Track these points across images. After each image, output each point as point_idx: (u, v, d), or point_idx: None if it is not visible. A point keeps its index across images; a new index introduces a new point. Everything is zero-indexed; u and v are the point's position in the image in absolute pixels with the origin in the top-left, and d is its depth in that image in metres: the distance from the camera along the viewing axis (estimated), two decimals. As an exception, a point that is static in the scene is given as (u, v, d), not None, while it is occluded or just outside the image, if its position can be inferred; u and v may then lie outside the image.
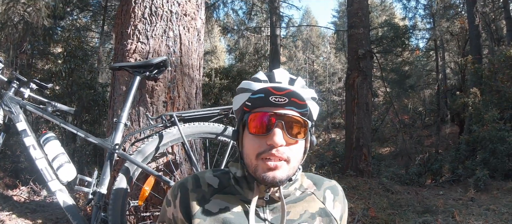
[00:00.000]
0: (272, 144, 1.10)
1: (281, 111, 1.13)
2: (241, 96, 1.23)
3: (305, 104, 1.14)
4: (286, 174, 1.15)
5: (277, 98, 1.10)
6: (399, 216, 4.99)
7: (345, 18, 14.03)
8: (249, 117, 1.15)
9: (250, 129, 1.15)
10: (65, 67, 8.33)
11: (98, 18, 16.02)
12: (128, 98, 2.49)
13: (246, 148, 1.19)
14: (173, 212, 1.26)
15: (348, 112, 9.86)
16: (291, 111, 1.14)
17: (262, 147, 1.13)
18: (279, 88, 1.10)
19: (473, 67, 12.91)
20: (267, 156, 1.12)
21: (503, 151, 8.92)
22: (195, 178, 1.29)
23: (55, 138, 2.45)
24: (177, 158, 2.71)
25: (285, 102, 1.11)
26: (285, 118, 1.12)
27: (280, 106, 1.12)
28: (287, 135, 1.12)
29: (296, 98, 1.11)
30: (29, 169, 6.64)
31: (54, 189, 2.34)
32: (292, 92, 1.10)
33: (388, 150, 20.67)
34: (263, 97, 1.11)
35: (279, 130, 1.11)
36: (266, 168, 1.12)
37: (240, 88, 1.26)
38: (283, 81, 1.21)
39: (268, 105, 1.13)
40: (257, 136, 1.14)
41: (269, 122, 1.12)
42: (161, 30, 2.82)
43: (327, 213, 1.29)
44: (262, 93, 1.11)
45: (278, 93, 1.09)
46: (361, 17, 9.82)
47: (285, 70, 1.27)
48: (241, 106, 1.22)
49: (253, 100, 1.14)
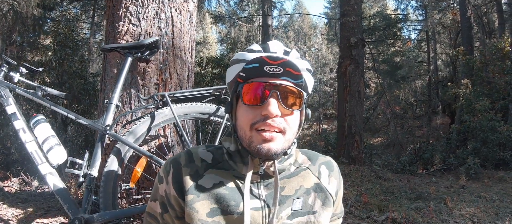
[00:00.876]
0: (267, 115, 1.08)
1: (276, 81, 1.10)
2: (235, 67, 1.20)
3: (301, 74, 1.11)
4: (281, 146, 1.12)
5: (272, 67, 1.07)
6: (391, 202, 5.00)
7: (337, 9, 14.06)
8: (243, 87, 1.12)
9: (244, 99, 1.12)
10: (55, 57, 8.24)
11: (88, 8, 15.89)
12: (119, 79, 2.45)
13: (239, 120, 1.16)
14: (165, 189, 1.23)
15: (340, 100, 9.88)
16: (286, 81, 1.11)
17: (256, 117, 1.10)
18: (274, 58, 1.07)
19: (464, 58, 13.03)
20: (262, 126, 1.09)
21: (494, 141, 9.02)
22: (188, 153, 1.26)
23: (45, 120, 2.41)
24: (169, 140, 2.68)
25: (280, 72, 1.08)
26: (280, 88, 1.10)
27: (275, 76, 1.10)
28: (282, 105, 1.10)
29: (291, 68, 1.08)
30: (20, 160, 6.58)
31: (44, 172, 2.30)
32: (287, 62, 1.07)
33: (379, 140, 20.79)
34: (258, 67, 1.08)
35: (274, 100, 1.08)
36: (261, 140, 1.09)
37: (234, 60, 1.22)
38: (278, 52, 1.18)
39: (262, 75, 1.10)
40: (251, 107, 1.11)
41: (264, 92, 1.10)
42: (153, 11, 2.78)
43: (322, 189, 1.27)
44: (256, 62, 1.08)
45: (273, 63, 1.06)
46: (353, 5, 9.81)
47: (279, 42, 1.24)
48: (235, 77, 1.19)
49: (247, 70, 1.11)
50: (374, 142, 20.05)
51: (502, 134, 8.99)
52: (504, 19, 14.64)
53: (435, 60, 21.59)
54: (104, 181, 2.23)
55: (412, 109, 21.44)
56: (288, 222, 1.18)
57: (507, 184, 6.98)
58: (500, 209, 5.09)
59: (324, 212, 1.25)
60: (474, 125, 9.87)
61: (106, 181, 2.23)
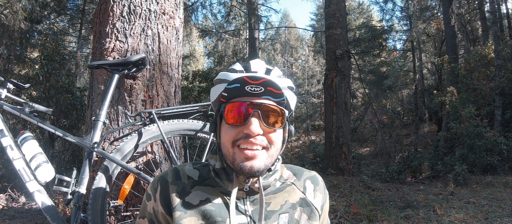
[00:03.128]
0: (248, 133, 1.10)
1: (258, 100, 1.13)
2: (218, 87, 1.23)
3: (282, 93, 1.14)
4: (264, 163, 1.15)
5: (253, 87, 1.11)
6: (381, 211, 5.04)
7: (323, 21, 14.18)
8: (225, 107, 1.15)
9: (227, 119, 1.15)
10: (42, 71, 8.18)
11: (76, 22, 15.82)
12: (106, 96, 2.46)
13: (223, 138, 1.19)
14: (153, 206, 1.25)
15: (327, 111, 9.96)
16: (268, 100, 1.14)
17: (238, 134, 1.13)
18: (255, 77, 1.11)
19: (449, 66, 13.21)
20: (244, 144, 1.12)
21: (481, 146, 9.15)
22: (175, 170, 1.29)
23: (32, 137, 2.41)
24: (156, 157, 2.69)
25: (261, 91, 1.11)
26: (262, 107, 1.13)
27: (256, 95, 1.13)
28: (264, 124, 1.12)
29: (272, 87, 1.11)
30: (7, 176, 6.48)
31: (32, 189, 2.28)
32: (268, 81, 1.10)
33: (367, 150, 20.90)
34: (239, 87, 1.12)
35: (256, 120, 1.11)
36: (244, 157, 1.12)
37: (217, 79, 1.25)
38: (259, 71, 1.21)
39: (244, 94, 1.13)
40: (234, 126, 1.14)
41: (246, 111, 1.12)
42: (140, 28, 2.80)
43: (308, 203, 1.30)
44: (238, 82, 1.12)
45: (253, 83, 1.10)
46: (338, 18, 9.95)
47: (262, 61, 1.27)
48: (218, 97, 1.22)
49: (230, 90, 1.14)
50: (362, 152, 20.16)
51: (488, 140, 9.12)
52: (487, 26, 14.86)
53: (420, 69, 21.87)
54: (92, 199, 2.22)
55: (399, 118, 21.63)
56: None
57: (495, 189, 7.08)
58: (489, 213, 5.16)
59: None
60: (460, 132, 10.00)
61: (94, 198, 2.22)
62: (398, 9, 20.60)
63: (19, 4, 8.27)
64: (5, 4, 8.16)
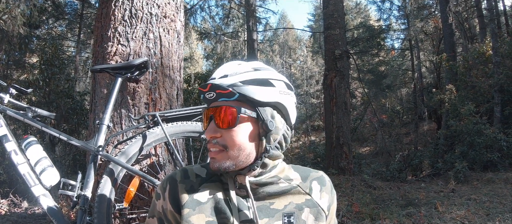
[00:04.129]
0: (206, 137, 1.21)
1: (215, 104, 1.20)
2: None
3: (229, 91, 1.16)
4: (228, 162, 1.17)
5: (207, 94, 1.21)
6: (382, 210, 5.06)
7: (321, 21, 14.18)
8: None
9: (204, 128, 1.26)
10: (42, 76, 8.20)
11: (74, 26, 15.83)
12: (110, 100, 2.47)
13: None
14: (162, 205, 1.27)
15: (327, 112, 9.98)
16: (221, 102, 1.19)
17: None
18: (203, 85, 1.20)
19: (448, 64, 13.22)
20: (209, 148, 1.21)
21: (481, 143, 9.16)
22: (184, 170, 1.31)
23: (36, 142, 2.41)
24: (160, 159, 2.70)
25: (213, 96, 1.20)
26: (214, 111, 1.19)
27: (213, 101, 1.22)
28: (216, 126, 1.18)
29: (219, 89, 1.17)
30: (9, 181, 6.48)
31: (38, 194, 2.29)
32: (212, 85, 1.17)
33: (368, 149, 20.91)
34: (202, 97, 1.23)
35: (211, 124, 1.19)
36: (211, 158, 1.21)
37: None
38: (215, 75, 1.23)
39: (208, 102, 1.24)
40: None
41: (206, 118, 1.23)
42: (142, 32, 2.81)
43: (315, 204, 1.30)
44: (199, 93, 1.24)
45: (204, 90, 1.20)
46: (336, 18, 9.98)
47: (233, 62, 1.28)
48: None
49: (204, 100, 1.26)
50: (362, 151, 20.17)
51: (488, 137, 9.14)
52: (485, 23, 14.84)
53: (419, 68, 21.88)
54: (98, 202, 2.23)
55: (399, 117, 21.64)
56: None
57: (496, 185, 7.09)
58: (490, 210, 5.17)
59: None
60: (460, 129, 10.02)
61: (100, 201, 2.24)
62: (395, 8, 20.70)
63: (17, 10, 8.28)
64: (4, 10, 8.19)
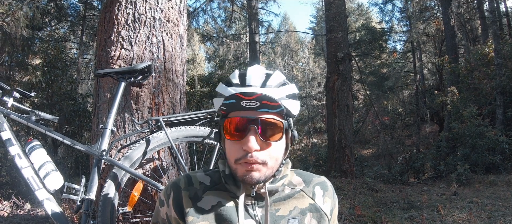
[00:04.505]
0: (247, 150, 1.13)
1: (253, 115, 1.14)
2: (218, 100, 1.24)
3: (278, 105, 1.13)
4: (264, 175, 1.17)
5: (248, 102, 1.11)
6: (385, 213, 5.06)
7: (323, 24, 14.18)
8: (224, 122, 1.18)
9: (226, 134, 1.18)
10: (45, 78, 8.22)
11: (77, 28, 15.85)
12: (113, 104, 2.48)
13: (226, 152, 1.22)
14: (166, 212, 1.28)
15: (329, 114, 9.97)
16: (265, 113, 1.15)
17: (238, 153, 1.15)
18: (249, 93, 1.11)
19: (450, 66, 13.21)
20: (244, 161, 1.14)
21: (483, 146, 9.15)
22: (187, 177, 1.32)
23: (40, 146, 2.42)
24: (164, 163, 2.71)
25: (257, 105, 1.12)
26: (259, 122, 1.14)
27: (253, 109, 1.13)
28: (261, 138, 1.14)
29: (268, 101, 1.11)
30: (11, 183, 6.49)
31: (42, 198, 2.30)
32: (262, 96, 1.10)
33: (370, 151, 20.91)
34: (235, 103, 1.13)
35: (253, 136, 1.12)
36: (245, 170, 1.15)
37: (216, 92, 1.27)
38: (255, 83, 1.20)
39: (241, 109, 1.14)
40: (233, 142, 1.16)
41: (243, 127, 1.14)
42: (145, 36, 2.82)
43: (317, 209, 1.32)
44: (233, 99, 1.13)
45: (248, 98, 1.11)
46: (339, 21, 9.98)
47: (260, 68, 1.26)
48: (219, 110, 1.24)
49: (226, 105, 1.16)
50: (364, 153, 20.17)
51: (490, 139, 9.13)
52: (487, 25, 14.83)
53: (421, 70, 21.86)
54: (102, 206, 2.24)
55: (401, 119, 21.63)
56: None
57: (498, 188, 7.08)
58: (492, 213, 5.16)
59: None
60: (462, 132, 10.01)
61: (104, 205, 2.24)
62: (397, 10, 20.66)
63: (20, 12, 8.31)
64: (7, 12, 8.21)
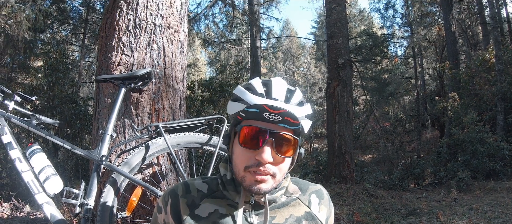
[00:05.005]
0: (260, 161, 1.13)
1: (274, 128, 1.15)
2: (236, 105, 1.25)
3: (298, 123, 1.15)
4: (271, 186, 1.19)
5: (271, 115, 1.12)
6: (384, 219, 5.06)
7: (324, 29, 14.18)
8: (241, 128, 1.17)
9: (241, 141, 1.17)
10: (46, 80, 8.24)
11: (79, 31, 15.87)
12: (113, 109, 2.50)
13: (235, 157, 1.22)
14: (164, 218, 1.29)
15: (329, 120, 9.98)
16: (283, 129, 1.16)
17: (250, 161, 1.16)
18: (275, 107, 1.12)
19: (451, 72, 13.21)
20: (254, 170, 1.15)
21: (483, 152, 9.14)
22: (185, 184, 1.33)
23: (41, 150, 2.44)
24: (163, 169, 2.72)
25: (279, 120, 1.13)
26: (277, 136, 1.15)
27: (273, 122, 1.14)
28: (276, 152, 1.15)
29: (290, 118, 1.13)
30: (11, 185, 6.49)
31: (41, 201, 2.31)
32: (286, 112, 1.11)
33: (370, 157, 20.85)
34: (258, 113, 1.13)
35: (268, 148, 1.14)
36: (254, 180, 1.16)
37: (236, 96, 1.27)
38: (280, 97, 1.22)
39: (261, 119, 1.15)
40: (246, 149, 1.17)
41: (260, 137, 1.15)
42: (145, 42, 2.84)
43: (313, 217, 1.33)
44: (257, 108, 1.13)
45: (273, 112, 1.11)
46: (339, 27, 10.00)
47: (283, 81, 1.28)
48: (235, 114, 1.24)
49: (247, 113, 1.16)
50: (365, 159, 20.12)
51: (491, 145, 9.11)
52: (488, 31, 14.80)
53: (422, 75, 21.86)
54: (101, 211, 2.25)
55: (402, 125, 21.58)
56: None
57: (498, 194, 7.06)
58: (492, 219, 5.14)
59: None
60: (463, 138, 9.99)
61: (103, 210, 2.25)
62: (398, 15, 20.71)
63: (23, 14, 8.34)
64: (10, 15, 8.25)
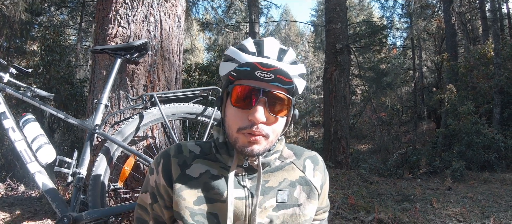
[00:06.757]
0: (253, 121, 1.11)
1: (266, 86, 1.13)
2: (228, 65, 1.20)
3: (291, 81, 1.12)
4: (264, 148, 1.16)
5: (263, 73, 1.09)
6: (378, 203, 5.05)
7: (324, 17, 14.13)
8: (233, 88, 1.15)
9: (233, 101, 1.14)
10: (42, 62, 8.18)
11: (76, 14, 15.79)
12: (108, 80, 2.48)
13: (228, 119, 1.19)
14: (155, 179, 1.27)
15: (326, 105, 9.98)
16: (276, 88, 1.13)
17: (243, 122, 1.13)
18: (266, 65, 1.09)
19: (449, 64, 13.22)
20: (248, 132, 1.12)
21: (479, 143, 9.18)
22: (178, 145, 1.31)
23: (34, 120, 2.42)
24: (157, 141, 2.72)
25: (271, 78, 1.10)
26: (269, 95, 1.13)
27: (265, 81, 1.11)
28: (269, 112, 1.13)
29: (283, 76, 1.09)
30: (6, 166, 6.49)
31: (33, 170, 2.30)
32: (278, 70, 1.08)
33: (366, 146, 20.91)
34: (249, 71, 1.10)
35: (261, 107, 1.11)
36: (246, 141, 1.13)
37: (227, 56, 1.23)
38: (272, 55, 1.18)
39: (253, 78, 1.12)
40: (239, 109, 1.14)
41: (252, 97, 1.12)
42: (142, 15, 2.82)
43: (307, 182, 1.31)
44: (248, 66, 1.10)
45: (264, 69, 1.08)
46: (338, 12, 9.97)
47: (276, 40, 1.24)
48: (227, 74, 1.20)
49: (239, 72, 1.12)
50: (360, 148, 20.17)
51: (486, 137, 9.15)
52: (488, 25, 14.81)
53: (420, 67, 21.88)
54: (93, 180, 2.24)
55: (398, 115, 21.62)
56: (274, 214, 1.23)
57: (492, 185, 7.08)
58: (486, 208, 5.15)
59: (309, 204, 1.30)
60: (459, 129, 10.02)
61: (95, 180, 2.24)
62: (398, 6, 20.60)
63: (19, -5, 8.28)
64: (6, -5, 8.18)
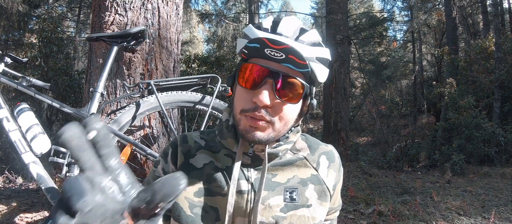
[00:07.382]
0: (256, 103, 1.01)
1: (276, 67, 1.03)
2: (241, 41, 1.11)
3: (305, 64, 0.99)
4: (268, 136, 1.06)
5: (273, 51, 0.98)
6: (378, 196, 5.04)
7: (324, 9, 14.00)
8: (241, 66, 1.06)
9: (239, 80, 1.06)
10: (41, 53, 8.13)
11: (74, 6, 15.72)
12: (105, 68, 2.43)
13: (235, 99, 1.11)
14: (163, 167, 1.23)
15: (326, 97, 9.96)
16: (288, 69, 1.03)
17: (247, 103, 1.04)
18: (276, 42, 0.97)
19: (449, 58, 13.19)
20: (250, 115, 1.04)
21: (479, 137, 9.16)
22: (183, 135, 1.27)
23: (29, 109, 2.38)
24: (154, 131, 2.67)
25: (282, 57, 0.99)
26: (279, 76, 1.02)
27: (276, 61, 1.01)
28: (276, 96, 1.03)
29: (295, 56, 0.98)
30: (5, 159, 6.48)
31: (28, 161, 2.26)
32: (290, 49, 0.96)
33: (365, 139, 20.87)
34: (258, 48, 1.00)
35: (266, 90, 1.01)
36: (248, 125, 1.05)
37: (243, 32, 1.14)
38: (287, 33, 1.07)
39: (263, 57, 1.02)
40: (244, 90, 1.06)
41: (259, 77, 1.03)
42: (140, 2, 2.76)
43: (320, 181, 1.20)
44: (257, 43, 0.99)
45: (274, 47, 0.97)
46: (339, 3, 9.91)
47: (297, 20, 1.13)
48: (240, 52, 1.10)
49: (249, 49, 1.03)
50: (360, 141, 20.15)
51: (486, 131, 9.13)
52: (488, 20, 14.75)
53: (420, 60, 21.86)
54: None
55: (398, 109, 21.56)
56: (281, 215, 1.12)
57: (492, 179, 7.08)
58: (485, 202, 5.16)
59: (320, 206, 1.18)
60: (459, 122, 10.00)
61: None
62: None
63: (17, -14, 8.21)
64: (3, -14, 8.12)
